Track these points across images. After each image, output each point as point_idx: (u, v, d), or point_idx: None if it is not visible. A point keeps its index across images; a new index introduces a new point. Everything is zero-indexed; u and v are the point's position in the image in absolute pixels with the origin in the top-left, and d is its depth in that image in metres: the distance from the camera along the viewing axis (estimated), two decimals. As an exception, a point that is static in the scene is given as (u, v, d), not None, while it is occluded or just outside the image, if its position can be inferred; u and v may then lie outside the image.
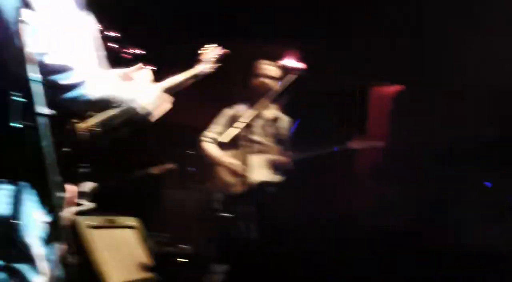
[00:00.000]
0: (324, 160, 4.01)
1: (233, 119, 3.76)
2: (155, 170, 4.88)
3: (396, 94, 5.64)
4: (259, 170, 3.67)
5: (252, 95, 3.78)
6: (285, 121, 3.93)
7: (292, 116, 3.97)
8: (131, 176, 4.89)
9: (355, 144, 3.87)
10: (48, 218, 1.62)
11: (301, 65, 3.85)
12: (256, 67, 3.84)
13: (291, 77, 3.50)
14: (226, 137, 3.25)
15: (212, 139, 3.83)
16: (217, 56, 2.87)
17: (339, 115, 5.61)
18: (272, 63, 3.83)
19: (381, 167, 5.38)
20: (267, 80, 3.76)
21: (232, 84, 4.60)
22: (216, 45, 2.95)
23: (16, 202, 1.55)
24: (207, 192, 3.89)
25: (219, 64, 2.91)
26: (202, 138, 3.87)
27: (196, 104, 4.68)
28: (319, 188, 5.38)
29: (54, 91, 1.55)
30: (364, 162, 5.47)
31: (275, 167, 3.75)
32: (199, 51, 2.87)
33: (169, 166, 4.98)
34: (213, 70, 2.88)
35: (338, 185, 5.44)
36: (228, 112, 3.88)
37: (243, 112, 3.74)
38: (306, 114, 4.50)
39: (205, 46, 2.89)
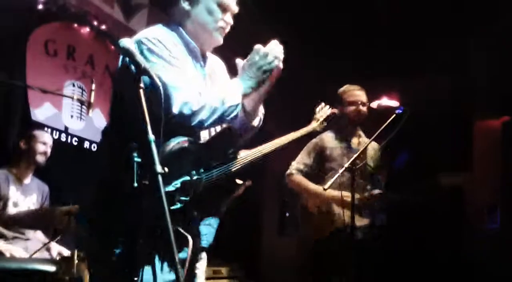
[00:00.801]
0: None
1: (320, 150, 3.56)
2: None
3: (503, 127, 5.27)
4: (348, 210, 3.42)
5: (341, 123, 3.58)
6: (375, 150, 3.56)
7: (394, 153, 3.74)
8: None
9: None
10: (170, 273, 1.67)
11: (397, 103, 3.72)
12: (347, 95, 3.59)
13: (392, 116, 3.29)
14: (328, 185, 3.10)
15: (298, 171, 3.56)
16: (327, 115, 2.91)
17: (441, 152, 5.34)
18: (360, 87, 3.61)
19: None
20: (362, 107, 3.54)
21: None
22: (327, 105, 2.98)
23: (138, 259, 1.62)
24: (303, 239, 3.70)
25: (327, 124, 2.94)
26: (290, 171, 3.59)
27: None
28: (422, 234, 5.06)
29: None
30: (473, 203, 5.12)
31: (364, 207, 3.40)
32: (316, 109, 2.94)
33: (248, 183, 4.72)
34: (322, 128, 2.91)
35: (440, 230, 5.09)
36: (315, 142, 3.62)
37: (329, 141, 3.56)
38: (407, 151, 4.31)
39: (322, 104, 2.94)
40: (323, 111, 2.90)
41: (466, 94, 5.28)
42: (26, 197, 3.48)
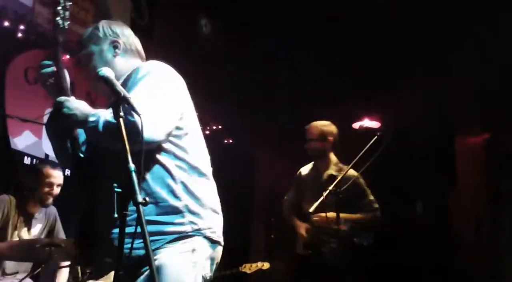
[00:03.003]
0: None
1: (299, 180, 3.77)
2: (247, 269, 4.37)
3: (487, 143, 5.32)
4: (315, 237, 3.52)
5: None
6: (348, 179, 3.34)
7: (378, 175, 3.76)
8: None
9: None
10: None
11: (378, 124, 3.77)
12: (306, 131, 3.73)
13: (373, 138, 3.31)
14: (312, 208, 3.17)
15: (289, 206, 3.80)
16: None
17: (424, 169, 5.35)
18: (314, 124, 3.69)
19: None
20: (311, 144, 3.67)
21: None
22: None
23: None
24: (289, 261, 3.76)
25: None
26: (284, 207, 3.84)
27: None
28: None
29: None
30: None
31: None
32: None
33: (266, 265, 4.38)
34: None
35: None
36: (297, 173, 3.83)
37: (305, 172, 3.75)
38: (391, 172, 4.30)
39: None
40: None
41: (448, 110, 5.34)
42: (30, 230, 3.37)
